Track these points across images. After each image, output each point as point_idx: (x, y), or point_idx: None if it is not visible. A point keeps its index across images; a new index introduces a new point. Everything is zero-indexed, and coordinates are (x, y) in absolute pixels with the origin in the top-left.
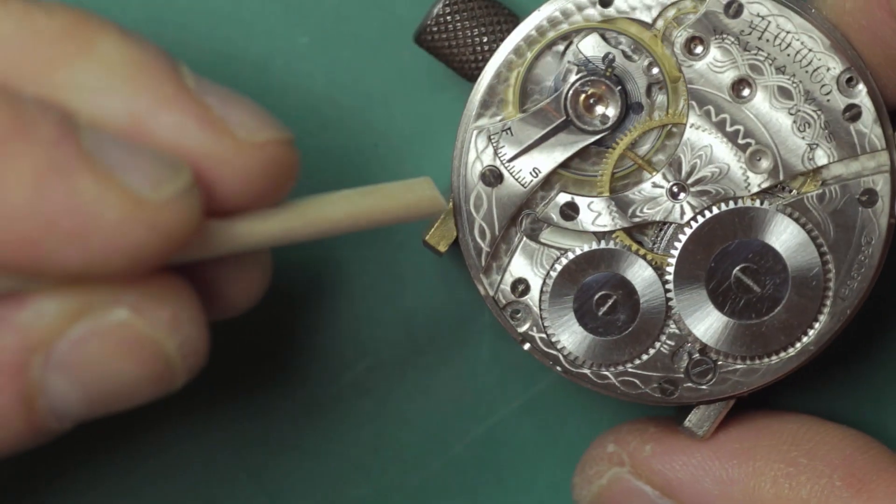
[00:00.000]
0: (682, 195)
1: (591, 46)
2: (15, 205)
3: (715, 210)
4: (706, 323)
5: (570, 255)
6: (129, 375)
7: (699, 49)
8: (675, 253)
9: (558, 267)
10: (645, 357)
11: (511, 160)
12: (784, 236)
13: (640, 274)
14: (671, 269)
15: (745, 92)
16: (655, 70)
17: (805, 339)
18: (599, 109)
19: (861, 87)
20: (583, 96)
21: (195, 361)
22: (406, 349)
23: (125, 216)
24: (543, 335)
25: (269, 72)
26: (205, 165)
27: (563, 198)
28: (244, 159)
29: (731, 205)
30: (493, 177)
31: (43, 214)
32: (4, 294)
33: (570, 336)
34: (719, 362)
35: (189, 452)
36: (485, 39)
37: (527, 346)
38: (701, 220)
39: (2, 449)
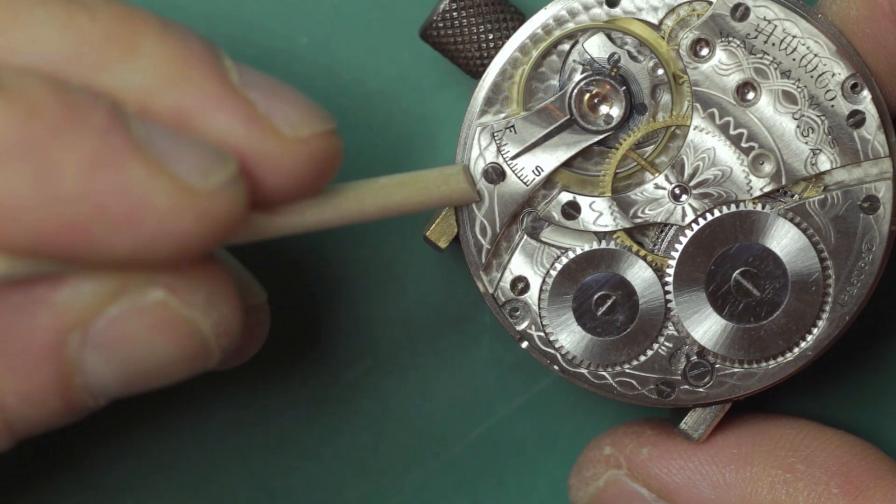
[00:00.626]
0: (684, 197)
1: (596, 46)
2: (66, 190)
3: (716, 213)
4: (705, 326)
5: (571, 255)
6: (164, 354)
7: (705, 51)
8: (676, 255)
9: (558, 266)
10: (643, 358)
11: (514, 158)
12: (785, 241)
13: (639, 275)
14: (671, 271)
15: (750, 95)
16: (660, 71)
17: (803, 345)
18: (603, 109)
19: (866, 93)
20: (587, 96)
21: (229, 341)
22: (406, 349)
23: (174, 204)
24: (542, 334)
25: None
26: (251, 161)
27: (564, 197)
28: (290, 155)
29: (733, 208)
30: (495, 174)
31: (93, 200)
32: (43, 275)
33: (568, 335)
34: (717, 365)
35: (189, 452)
36: (490, 37)
37: (525, 344)
38: (702, 222)
39: (38, 425)
